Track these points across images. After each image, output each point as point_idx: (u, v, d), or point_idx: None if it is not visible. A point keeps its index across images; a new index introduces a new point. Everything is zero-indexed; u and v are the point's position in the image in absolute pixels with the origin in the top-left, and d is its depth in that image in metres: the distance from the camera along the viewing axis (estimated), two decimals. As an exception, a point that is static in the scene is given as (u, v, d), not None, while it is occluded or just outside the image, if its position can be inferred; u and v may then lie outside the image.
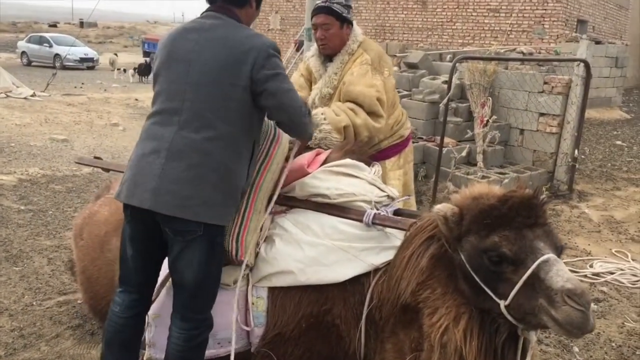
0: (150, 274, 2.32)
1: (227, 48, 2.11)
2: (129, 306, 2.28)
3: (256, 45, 2.12)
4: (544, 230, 1.85)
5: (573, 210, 6.45)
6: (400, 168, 3.46)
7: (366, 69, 3.10)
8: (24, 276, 4.10)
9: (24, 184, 6.48)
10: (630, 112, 14.56)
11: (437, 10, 17.00)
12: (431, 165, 6.85)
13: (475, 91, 7.50)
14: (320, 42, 3.24)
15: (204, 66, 2.12)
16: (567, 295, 1.66)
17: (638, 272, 4.73)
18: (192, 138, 2.09)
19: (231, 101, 2.12)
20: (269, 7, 21.21)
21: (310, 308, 2.29)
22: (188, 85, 2.13)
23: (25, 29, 43.33)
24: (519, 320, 1.80)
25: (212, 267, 2.20)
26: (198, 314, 2.20)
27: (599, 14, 17.91)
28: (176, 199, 2.06)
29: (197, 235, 2.10)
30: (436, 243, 2.00)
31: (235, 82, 2.10)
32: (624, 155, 9.51)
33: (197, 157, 2.09)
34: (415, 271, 2.00)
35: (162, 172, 2.08)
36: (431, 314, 1.96)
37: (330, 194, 2.40)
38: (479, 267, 1.84)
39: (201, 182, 2.08)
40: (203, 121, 2.10)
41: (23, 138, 9.14)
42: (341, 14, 3.15)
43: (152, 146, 2.13)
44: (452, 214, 1.91)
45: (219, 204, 2.12)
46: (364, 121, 3.00)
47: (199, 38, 2.16)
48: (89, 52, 27.36)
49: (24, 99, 13.04)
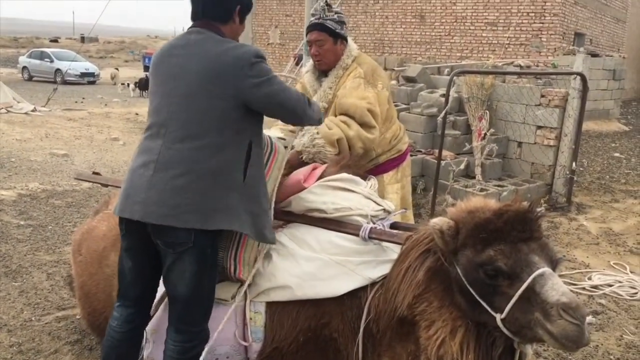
0: (147, 288, 2.34)
1: (211, 61, 2.15)
2: (126, 320, 2.29)
3: (238, 55, 2.16)
4: (539, 244, 1.87)
5: (571, 223, 6.46)
6: (398, 182, 3.48)
7: (358, 82, 3.14)
8: (23, 291, 4.11)
9: (23, 199, 6.50)
10: (629, 124, 14.61)
11: (435, 24, 17.12)
12: (430, 178, 6.87)
13: (473, 104, 7.55)
14: (315, 59, 3.30)
15: (189, 80, 2.16)
16: (562, 309, 1.68)
17: (636, 284, 4.73)
18: (178, 148, 2.13)
19: (217, 111, 2.15)
20: (268, 21, 21.38)
21: (308, 322, 2.30)
22: (175, 98, 2.18)
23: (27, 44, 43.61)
24: (515, 334, 1.82)
25: (205, 279, 2.21)
26: (192, 326, 2.21)
27: (596, 27, 18.03)
28: (164, 208, 2.09)
29: (188, 247, 2.12)
30: (432, 256, 2.02)
31: (220, 93, 2.14)
32: (622, 167, 9.54)
33: (183, 166, 2.11)
34: (411, 284, 2.02)
35: (149, 183, 2.11)
36: (428, 327, 1.98)
37: (326, 208, 2.42)
38: (475, 280, 1.86)
39: (188, 190, 2.10)
40: (189, 132, 2.14)
41: (23, 153, 9.17)
42: (334, 30, 3.19)
43: (143, 160, 2.18)
44: (448, 228, 1.93)
45: (208, 210, 2.12)
46: (356, 133, 3.03)
47: (184, 53, 2.22)
48: (90, 67, 27.47)
49: (25, 114, 13.09)
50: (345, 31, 3.27)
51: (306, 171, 2.58)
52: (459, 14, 16.58)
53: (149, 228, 2.14)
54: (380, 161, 3.36)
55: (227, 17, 2.30)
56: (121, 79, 24.77)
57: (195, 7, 2.30)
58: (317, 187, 2.50)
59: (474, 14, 16.26)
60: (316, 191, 2.48)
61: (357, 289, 2.28)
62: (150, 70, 2.35)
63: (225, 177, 2.17)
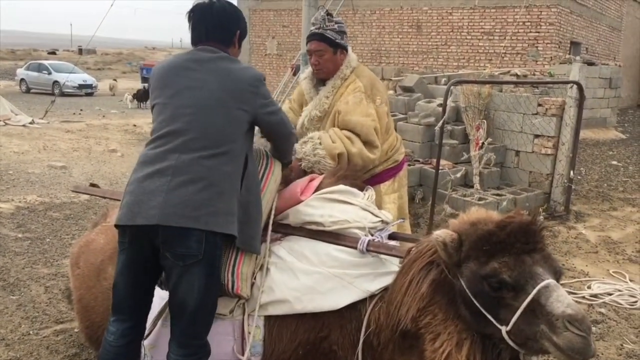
0: (142, 302, 2.33)
1: (229, 78, 2.31)
2: (122, 334, 2.28)
3: (252, 75, 2.38)
4: (542, 256, 1.86)
5: (570, 231, 6.46)
6: (395, 192, 3.48)
7: (360, 97, 3.14)
8: (21, 305, 4.09)
9: (21, 212, 6.49)
10: (626, 132, 14.66)
11: (432, 33, 17.21)
12: (428, 188, 6.87)
13: (470, 114, 7.57)
14: (315, 68, 3.31)
15: (208, 93, 2.28)
16: (568, 321, 1.68)
17: (636, 292, 4.73)
18: (198, 155, 2.19)
19: (233, 122, 2.29)
20: (265, 32, 21.46)
21: (307, 335, 2.29)
22: (192, 109, 2.26)
23: (25, 56, 43.65)
24: (520, 346, 1.81)
25: (212, 292, 2.22)
26: (196, 339, 2.21)
27: (592, 35, 18.14)
28: (185, 209, 2.11)
29: (198, 259, 2.13)
30: (436, 269, 2.01)
31: (238, 107, 2.30)
32: (620, 175, 9.55)
33: (201, 171, 2.17)
34: (415, 297, 2.00)
35: (168, 187, 2.13)
36: (433, 340, 1.97)
37: (324, 221, 2.41)
38: (479, 293, 1.85)
39: (208, 195, 2.15)
40: (208, 140, 2.22)
41: (21, 165, 9.17)
42: (334, 40, 3.20)
43: (156, 168, 2.19)
44: (451, 240, 1.92)
45: (222, 213, 2.18)
46: (359, 151, 3.04)
47: (201, 68, 2.33)
48: (88, 78, 27.49)
49: (23, 126, 13.09)
50: (346, 41, 3.28)
51: (303, 183, 2.57)
52: (455, 23, 16.68)
53: (159, 239, 2.14)
54: (377, 171, 3.36)
55: (229, 41, 2.45)
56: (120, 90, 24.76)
57: (198, 31, 2.42)
58: (314, 200, 2.48)
59: (470, 23, 16.36)
60: (313, 204, 2.47)
61: (356, 302, 2.26)
62: (156, 82, 2.38)
63: (233, 185, 2.25)
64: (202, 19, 2.39)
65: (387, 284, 2.31)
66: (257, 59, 21.81)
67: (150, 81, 2.43)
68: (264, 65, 21.52)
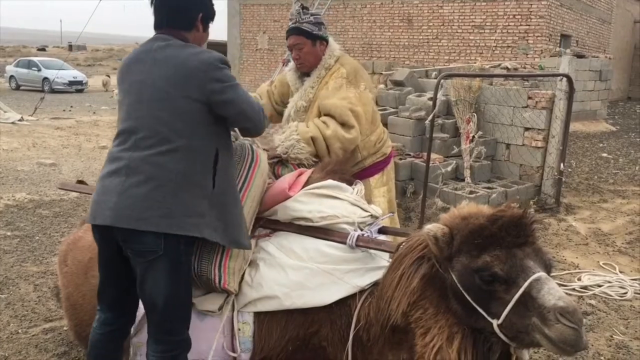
0: (122, 293, 2.32)
1: (175, 66, 2.17)
2: (104, 322, 2.31)
3: (203, 59, 2.18)
4: (533, 249, 1.87)
5: (560, 224, 6.49)
6: (384, 185, 3.49)
7: (341, 83, 3.15)
8: (10, 303, 4.06)
9: (10, 210, 6.44)
10: (616, 124, 14.73)
11: (423, 27, 17.20)
12: (419, 182, 6.88)
13: (460, 107, 7.57)
14: (297, 62, 3.33)
15: (154, 84, 2.17)
16: (559, 314, 1.68)
17: (626, 284, 4.75)
18: (147, 154, 2.13)
19: (184, 114, 2.16)
20: (256, 27, 21.38)
21: (297, 331, 2.28)
22: (141, 104, 2.19)
23: (14, 53, 43.29)
24: (512, 339, 1.81)
25: (180, 288, 2.19)
26: (172, 335, 2.19)
27: (582, 28, 18.19)
28: (135, 211, 2.08)
29: (158, 254, 2.11)
30: (427, 263, 2.00)
31: (186, 96, 2.15)
32: (610, 167, 9.60)
33: (152, 170, 2.11)
34: (406, 291, 2.00)
35: (122, 188, 2.11)
36: (424, 335, 1.96)
37: (312, 217, 2.39)
38: (471, 286, 1.85)
39: (159, 195, 2.10)
40: (158, 137, 2.14)
41: (10, 163, 9.10)
42: (311, 32, 3.21)
43: (113, 167, 2.18)
44: (442, 234, 1.92)
45: (179, 215, 2.11)
46: (333, 132, 3.02)
47: (149, 59, 2.23)
48: (78, 75, 27.30)
49: (12, 123, 13.00)
50: (324, 32, 3.29)
51: (291, 178, 2.55)
52: (446, 17, 16.67)
53: (118, 236, 2.14)
54: (366, 164, 3.35)
55: (190, 25, 2.31)
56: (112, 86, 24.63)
57: (159, 17, 2.31)
58: (302, 196, 2.46)
59: (461, 17, 16.36)
60: (302, 199, 2.45)
61: (346, 297, 2.25)
62: (117, 78, 2.35)
63: (194, 184, 2.16)
64: (162, 4, 2.29)
65: (377, 279, 2.30)
66: (248, 54, 21.73)
67: None
68: (255, 60, 21.45)
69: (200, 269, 2.29)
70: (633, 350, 3.72)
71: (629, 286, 4.70)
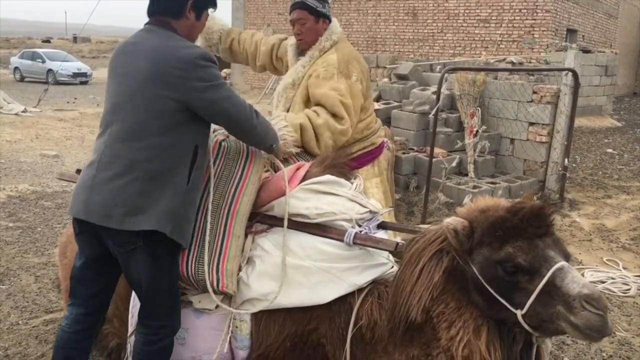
0: (99, 289, 2.32)
1: (155, 60, 2.09)
2: (75, 320, 2.28)
3: (183, 56, 2.08)
4: (552, 239, 1.90)
5: (564, 219, 6.46)
6: (376, 176, 3.46)
7: (332, 72, 3.11)
8: (11, 294, 4.06)
9: (13, 201, 6.44)
10: (621, 120, 14.65)
11: (428, 21, 17.12)
12: (422, 176, 6.85)
13: (464, 101, 7.52)
14: (297, 37, 3.31)
15: (133, 79, 2.13)
16: (585, 301, 1.71)
17: (629, 280, 4.72)
18: (120, 148, 2.11)
19: (159, 112, 2.09)
20: (260, 20, 21.33)
21: (295, 327, 2.26)
22: (121, 97, 2.16)
23: (19, 44, 43.32)
24: (535, 329, 1.84)
25: (162, 278, 2.19)
26: (153, 320, 2.22)
27: (588, 23, 18.06)
28: (103, 208, 2.08)
29: (137, 245, 2.10)
30: (447, 256, 2.01)
31: (162, 94, 2.07)
32: (614, 163, 9.55)
33: (122, 166, 2.09)
34: (429, 286, 1.99)
35: (92, 182, 2.11)
36: (448, 328, 1.97)
37: (309, 213, 2.33)
38: (493, 278, 1.88)
39: (127, 191, 2.08)
40: (131, 132, 2.11)
41: (13, 154, 9.10)
42: (315, 8, 3.19)
43: (92, 158, 2.18)
44: (462, 228, 1.93)
45: (146, 211, 2.08)
46: (324, 121, 2.98)
47: (134, 50, 2.18)
48: (82, 67, 27.28)
49: (15, 115, 13.01)
50: (328, 10, 3.26)
51: (290, 171, 2.50)
52: (451, 11, 16.58)
53: (97, 229, 2.13)
54: (353, 151, 3.26)
55: (179, 12, 2.22)
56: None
57: (150, 2, 2.27)
58: (299, 192, 2.40)
59: (467, 10, 16.27)
60: (299, 195, 2.38)
61: (346, 295, 2.22)
62: (108, 68, 2.31)
63: (167, 180, 2.12)
64: None
65: (375, 277, 2.29)
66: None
67: None
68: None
69: (198, 274, 2.26)
70: (635, 347, 3.70)
71: (632, 283, 4.67)
